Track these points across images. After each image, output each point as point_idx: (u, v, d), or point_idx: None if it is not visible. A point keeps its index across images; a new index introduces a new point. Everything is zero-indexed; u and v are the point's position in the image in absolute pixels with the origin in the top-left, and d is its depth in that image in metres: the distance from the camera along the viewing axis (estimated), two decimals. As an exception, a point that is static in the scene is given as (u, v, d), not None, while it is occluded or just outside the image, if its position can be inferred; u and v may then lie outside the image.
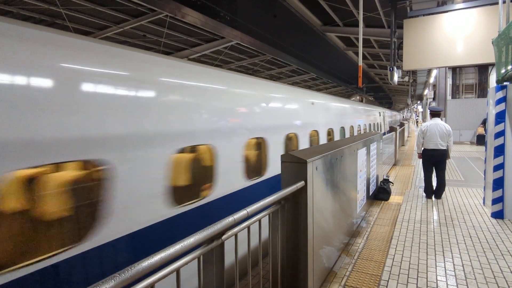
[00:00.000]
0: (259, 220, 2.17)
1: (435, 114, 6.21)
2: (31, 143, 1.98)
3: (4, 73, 1.92)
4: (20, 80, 1.98)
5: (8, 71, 1.94)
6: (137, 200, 2.62)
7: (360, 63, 8.40)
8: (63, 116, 2.17)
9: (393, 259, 3.60)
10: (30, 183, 2.08)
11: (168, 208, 2.89)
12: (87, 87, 2.34)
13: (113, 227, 2.41)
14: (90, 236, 2.28)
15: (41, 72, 2.11)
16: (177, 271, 1.49)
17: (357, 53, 9.81)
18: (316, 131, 6.58)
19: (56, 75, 2.19)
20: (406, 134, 20.19)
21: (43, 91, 2.10)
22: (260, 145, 4.60)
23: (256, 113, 4.60)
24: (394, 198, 6.24)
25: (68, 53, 2.33)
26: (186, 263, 1.53)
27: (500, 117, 4.87)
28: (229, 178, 3.80)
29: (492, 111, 5.05)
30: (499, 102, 4.88)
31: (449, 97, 18.56)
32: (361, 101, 34.26)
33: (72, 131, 2.19)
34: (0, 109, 1.86)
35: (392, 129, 11.71)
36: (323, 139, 6.88)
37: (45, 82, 2.12)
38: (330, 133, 7.54)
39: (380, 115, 17.53)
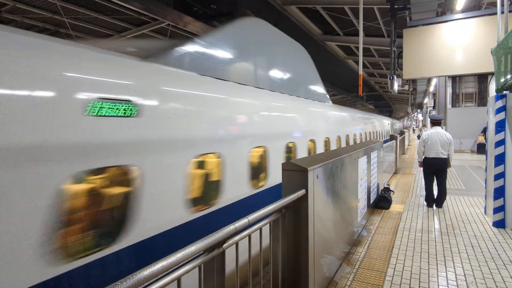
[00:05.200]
0: (260, 229, 2.16)
1: (435, 122, 6.22)
2: None
3: None
4: None
5: None
6: None
7: (361, 71, 8.46)
8: None
9: (395, 268, 3.58)
10: None
11: None
12: None
13: None
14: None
15: None
16: (178, 280, 1.48)
17: (357, 62, 9.88)
18: None
19: None
20: (406, 142, 20.15)
21: None
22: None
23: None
24: (395, 207, 6.22)
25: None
26: (187, 272, 1.52)
27: (500, 126, 4.88)
28: None
29: (492, 120, 5.07)
30: (499, 111, 4.90)
31: (449, 105, 18.62)
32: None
33: None
34: None
35: (392, 137, 11.70)
36: None
37: None
38: None
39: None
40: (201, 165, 3.30)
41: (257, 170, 4.31)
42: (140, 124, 2.53)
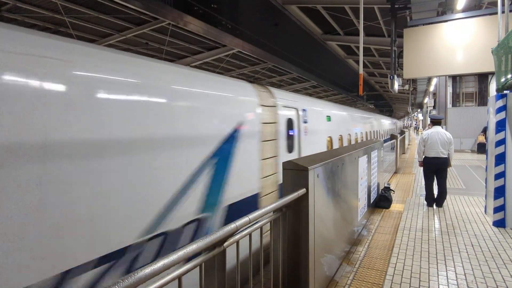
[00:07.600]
0: (261, 228, 2.16)
1: (436, 122, 6.22)
2: None
3: None
4: None
5: None
6: None
7: (361, 71, 8.45)
8: None
9: (395, 267, 3.58)
10: None
11: None
12: None
13: None
14: None
15: None
16: (179, 278, 1.48)
17: (357, 62, 9.88)
18: None
19: None
20: (406, 142, 20.17)
21: None
22: None
23: None
24: (395, 206, 6.22)
25: None
26: (188, 271, 1.52)
27: (500, 126, 4.88)
28: None
29: (493, 119, 5.07)
30: (499, 110, 4.90)
31: (449, 105, 18.59)
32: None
33: None
34: None
35: (393, 136, 11.70)
36: None
37: None
38: None
39: None
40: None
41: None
42: None
